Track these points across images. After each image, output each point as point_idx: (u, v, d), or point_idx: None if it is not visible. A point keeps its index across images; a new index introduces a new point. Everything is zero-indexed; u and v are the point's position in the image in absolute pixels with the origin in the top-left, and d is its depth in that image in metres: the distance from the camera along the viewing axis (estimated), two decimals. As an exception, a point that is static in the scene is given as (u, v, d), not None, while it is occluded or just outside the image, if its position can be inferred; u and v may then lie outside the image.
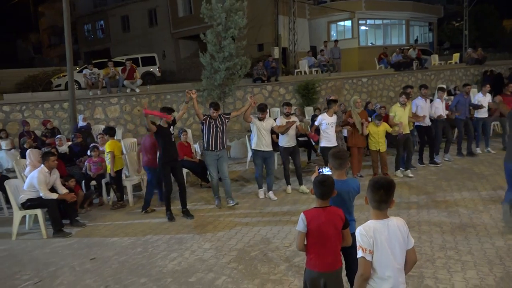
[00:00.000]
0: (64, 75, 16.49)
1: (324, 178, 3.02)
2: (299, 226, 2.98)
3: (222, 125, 6.80)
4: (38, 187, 5.98)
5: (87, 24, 33.90)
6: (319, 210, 2.98)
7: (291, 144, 7.32)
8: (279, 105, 14.13)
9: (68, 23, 11.07)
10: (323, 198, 3.00)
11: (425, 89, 8.57)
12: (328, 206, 3.01)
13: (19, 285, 4.53)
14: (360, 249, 2.45)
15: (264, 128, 7.06)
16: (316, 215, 2.96)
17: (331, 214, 2.98)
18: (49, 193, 6.07)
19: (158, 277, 4.53)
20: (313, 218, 2.95)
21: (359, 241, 2.46)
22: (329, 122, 7.31)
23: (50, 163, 6.14)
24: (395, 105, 8.08)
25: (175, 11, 25.77)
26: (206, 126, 6.75)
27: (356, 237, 2.50)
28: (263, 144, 7.06)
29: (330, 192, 3.00)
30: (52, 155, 6.29)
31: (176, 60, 26.54)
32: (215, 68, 11.24)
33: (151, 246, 5.42)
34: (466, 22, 25.42)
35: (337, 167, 3.43)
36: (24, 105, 11.50)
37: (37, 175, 6.00)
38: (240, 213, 6.52)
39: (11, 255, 5.43)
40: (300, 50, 21.76)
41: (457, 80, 17.90)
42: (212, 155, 6.77)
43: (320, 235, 2.93)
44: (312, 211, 3.00)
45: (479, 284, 3.97)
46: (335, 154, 3.48)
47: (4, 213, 7.23)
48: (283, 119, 7.30)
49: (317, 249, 2.96)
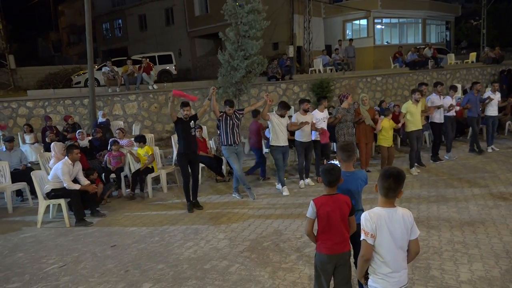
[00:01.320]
0: (83, 73, 16.97)
1: (331, 166, 3.17)
2: (309, 213, 3.15)
3: (237, 121, 7.07)
4: (62, 178, 6.30)
5: (106, 23, 34.54)
6: (327, 197, 3.15)
7: (307, 140, 7.58)
8: (293, 103, 14.27)
9: (89, 22, 11.42)
10: (330, 186, 3.16)
11: (440, 86, 8.72)
12: (335, 193, 3.17)
13: (46, 268, 4.83)
14: (363, 232, 2.61)
15: (283, 124, 7.32)
16: (325, 202, 3.12)
17: (338, 201, 3.15)
18: (72, 184, 6.39)
19: (174, 263, 4.77)
20: (322, 205, 3.11)
21: (363, 224, 2.61)
22: (321, 118, 7.68)
23: (74, 156, 6.45)
24: (408, 102, 8.19)
25: (192, 10, 26.10)
26: (223, 122, 7.01)
27: (361, 220, 2.65)
28: (282, 139, 7.31)
29: (337, 179, 3.14)
30: (76, 148, 6.61)
31: (192, 58, 26.88)
32: (233, 66, 11.43)
33: (168, 235, 5.67)
34: (484, 21, 25.10)
35: (345, 159, 3.56)
36: (46, 101, 11.94)
37: (61, 167, 6.32)
38: (254, 206, 6.74)
39: (37, 241, 5.75)
40: (315, 49, 21.84)
41: (474, 79, 17.73)
42: (231, 150, 7.08)
43: (328, 220, 3.10)
44: (321, 198, 3.16)
45: (485, 275, 4.09)
46: (343, 147, 3.62)
47: (29, 203, 7.60)
48: (300, 115, 7.49)
49: (326, 233, 3.13)
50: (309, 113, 7.63)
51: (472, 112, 9.17)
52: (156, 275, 4.50)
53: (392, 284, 2.61)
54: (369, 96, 15.65)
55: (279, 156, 7.33)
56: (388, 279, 2.61)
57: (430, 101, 8.61)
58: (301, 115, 7.47)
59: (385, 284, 2.61)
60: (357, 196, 3.58)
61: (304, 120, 7.37)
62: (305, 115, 7.47)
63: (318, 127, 7.64)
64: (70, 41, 41.02)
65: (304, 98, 8.12)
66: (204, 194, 7.64)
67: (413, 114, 8.01)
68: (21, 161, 8.07)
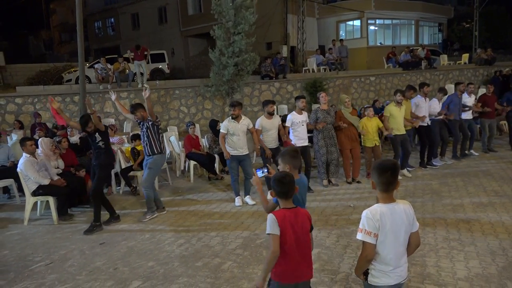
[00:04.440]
0: (74, 71, 16.75)
1: (283, 175, 2.76)
2: (271, 228, 2.59)
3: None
4: (27, 174, 6.09)
5: (98, 21, 34.21)
6: (287, 211, 2.69)
7: (273, 146, 6.95)
8: (286, 102, 14.23)
9: (80, 20, 11.22)
10: (286, 197, 2.71)
11: (427, 87, 8.14)
12: (294, 207, 2.74)
13: (31, 266, 4.67)
14: (363, 232, 2.45)
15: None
16: (286, 216, 2.65)
17: (301, 215, 2.72)
18: (41, 178, 6.15)
19: (165, 261, 4.64)
20: (284, 219, 2.63)
21: (363, 224, 2.45)
22: (299, 121, 6.97)
23: (28, 148, 6.17)
24: (391, 104, 7.69)
25: (185, 9, 25.95)
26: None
27: (361, 219, 2.49)
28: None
29: (293, 189, 2.72)
30: (28, 140, 6.29)
31: (185, 57, 26.71)
32: (223, 64, 11.35)
33: (158, 232, 5.54)
34: (477, 23, 25.30)
35: (295, 165, 3.24)
36: (36, 98, 11.72)
37: (23, 162, 6.10)
38: (246, 204, 6.62)
39: (23, 238, 5.58)
40: (308, 49, 21.82)
41: (466, 80, 17.80)
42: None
43: (292, 238, 2.63)
44: (281, 212, 2.69)
45: (481, 272, 4.02)
46: (290, 153, 3.26)
47: (16, 200, 7.41)
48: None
49: (288, 256, 2.63)
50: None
51: (454, 115, 8.51)
52: (146, 273, 4.37)
53: (394, 279, 2.52)
54: (362, 95, 15.75)
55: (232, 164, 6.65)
56: (390, 274, 2.51)
57: (415, 104, 8.07)
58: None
59: (386, 280, 2.52)
60: (304, 203, 3.29)
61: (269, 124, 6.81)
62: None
63: (296, 131, 7.00)
64: (62, 39, 40.57)
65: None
66: (196, 191, 7.52)
67: (396, 117, 7.46)
68: (9, 158, 7.87)
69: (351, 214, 5.87)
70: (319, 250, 4.67)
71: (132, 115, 6.12)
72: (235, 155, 6.54)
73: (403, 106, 7.60)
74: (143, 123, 6.02)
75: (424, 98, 8.14)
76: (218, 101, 13.22)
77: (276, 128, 6.93)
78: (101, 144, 5.84)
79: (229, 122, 6.55)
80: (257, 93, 14.02)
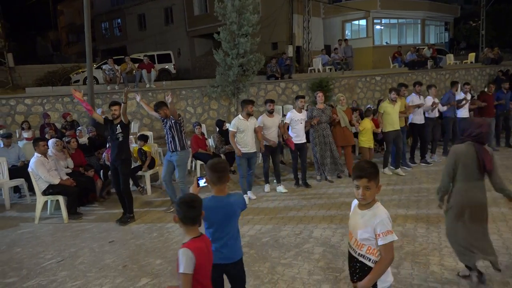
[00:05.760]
0: (82, 71, 16.93)
1: (192, 198, 2.40)
2: (185, 266, 2.21)
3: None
4: (38, 173, 6.24)
5: (105, 22, 34.49)
6: (198, 241, 2.34)
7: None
8: (292, 102, 14.29)
9: (88, 20, 11.39)
10: (194, 224, 2.35)
11: (419, 85, 8.58)
12: (201, 234, 2.41)
13: (43, 263, 4.80)
14: (389, 234, 2.40)
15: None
16: (200, 247, 2.31)
17: (208, 245, 2.42)
18: (51, 177, 6.31)
19: (173, 259, 4.74)
20: (200, 252, 2.28)
21: (387, 225, 2.40)
22: (298, 119, 7.32)
23: (40, 148, 6.34)
24: (385, 102, 8.03)
25: (191, 9, 26.11)
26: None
27: (386, 222, 2.41)
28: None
29: (200, 214, 2.38)
30: (41, 141, 6.49)
31: (191, 58, 26.87)
32: (228, 65, 11.46)
33: (166, 231, 5.64)
34: (483, 22, 25.17)
35: (215, 181, 2.79)
36: (45, 99, 11.90)
37: (34, 161, 6.26)
38: (253, 202, 6.71)
39: (34, 236, 5.72)
40: (314, 49, 21.86)
41: (472, 79, 17.77)
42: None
43: (204, 275, 2.33)
44: (195, 243, 2.30)
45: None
46: (212, 166, 2.81)
47: (26, 199, 7.56)
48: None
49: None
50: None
51: (449, 112, 9.00)
52: (154, 270, 4.47)
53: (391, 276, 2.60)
54: (368, 95, 15.77)
55: (242, 161, 6.84)
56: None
57: (411, 101, 8.41)
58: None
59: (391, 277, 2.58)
60: (235, 225, 2.85)
61: (270, 122, 7.04)
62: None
63: (294, 129, 7.33)
64: (69, 40, 40.97)
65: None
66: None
67: (390, 114, 7.77)
68: (19, 158, 8.04)
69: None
70: (324, 249, 4.74)
71: (156, 113, 6.41)
72: (244, 152, 6.75)
73: (397, 103, 7.87)
74: (166, 121, 6.29)
75: (418, 96, 8.50)
76: (224, 101, 13.32)
77: (276, 126, 7.21)
78: (120, 136, 6.08)
79: (238, 120, 6.77)
80: (262, 93, 14.11)
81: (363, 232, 2.47)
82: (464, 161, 3.66)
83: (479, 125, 3.68)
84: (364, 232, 2.47)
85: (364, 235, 2.47)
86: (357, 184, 2.44)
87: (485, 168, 3.61)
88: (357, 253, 2.54)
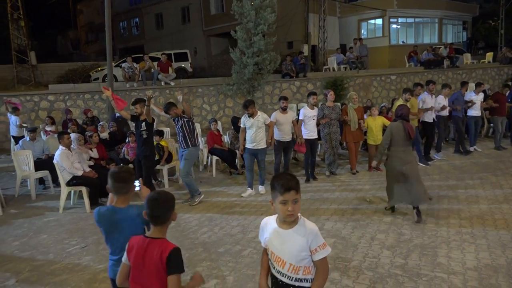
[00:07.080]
0: (101, 69, 17.39)
1: (156, 196, 2.34)
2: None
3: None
4: (63, 165, 6.57)
5: (123, 21, 35.11)
6: (145, 240, 2.26)
7: (287, 139, 7.54)
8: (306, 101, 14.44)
9: (109, 20, 11.74)
10: (155, 223, 2.28)
11: (432, 84, 8.70)
12: (159, 237, 2.27)
13: (68, 248, 5.10)
14: (326, 246, 2.23)
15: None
16: (140, 244, 2.24)
17: (156, 248, 2.20)
18: (75, 169, 6.65)
19: (190, 247, 4.98)
20: (137, 248, 2.24)
21: (321, 236, 2.24)
22: (310, 115, 7.60)
23: (65, 141, 6.70)
24: (398, 101, 8.18)
25: (208, 9, 26.41)
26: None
27: (319, 234, 2.22)
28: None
29: (163, 213, 2.30)
30: (66, 134, 6.87)
31: (207, 56, 27.18)
32: (244, 63, 11.67)
33: (183, 222, 5.89)
34: (503, 21, 24.82)
35: (113, 191, 2.60)
36: (67, 95, 12.33)
37: (59, 154, 6.61)
38: (266, 197, 6.92)
39: (59, 224, 6.04)
40: (329, 48, 21.91)
41: (490, 79, 17.61)
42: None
43: (140, 274, 2.23)
44: (138, 239, 2.28)
45: (491, 263, 4.19)
46: (113, 174, 2.60)
47: (51, 190, 7.93)
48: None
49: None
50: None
51: (458, 112, 9.17)
52: (173, 257, 4.71)
53: None
54: (383, 94, 15.79)
55: (245, 155, 7.20)
56: None
57: (422, 100, 8.50)
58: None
59: None
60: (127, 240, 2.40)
61: (283, 118, 7.34)
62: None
63: (306, 125, 7.57)
64: (88, 39, 41.78)
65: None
66: (218, 185, 7.87)
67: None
68: (44, 151, 8.40)
69: (366, 208, 6.09)
70: (334, 240, 4.92)
71: (167, 114, 6.84)
72: (249, 147, 7.04)
73: (409, 102, 7.99)
74: (178, 120, 6.61)
75: (430, 95, 8.62)
76: (240, 99, 13.55)
77: (289, 123, 7.47)
78: (143, 133, 6.61)
79: (245, 117, 7.11)
80: (277, 92, 14.28)
81: (299, 253, 2.19)
82: (397, 132, 5.43)
83: (401, 108, 5.56)
84: (300, 252, 2.19)
85: (301, 255, 2.19)
86: (284, 199, 2.13)
87: (410, 137, 5.39)
88: (293, 278, 2.23)
